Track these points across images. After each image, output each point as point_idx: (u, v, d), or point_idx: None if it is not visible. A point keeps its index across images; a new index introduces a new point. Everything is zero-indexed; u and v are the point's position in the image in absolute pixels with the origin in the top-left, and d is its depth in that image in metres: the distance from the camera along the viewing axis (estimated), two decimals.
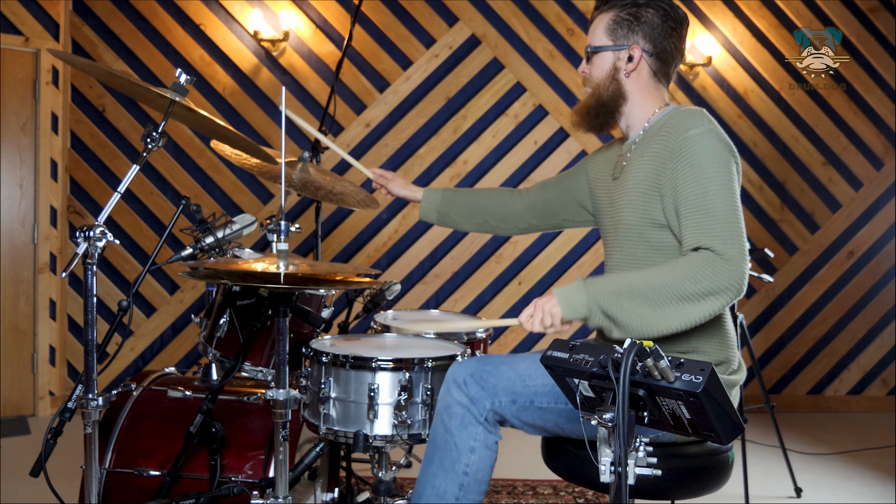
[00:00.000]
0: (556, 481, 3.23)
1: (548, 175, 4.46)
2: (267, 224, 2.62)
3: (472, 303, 4.48)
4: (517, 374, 1.73)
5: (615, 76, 1.85)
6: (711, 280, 1.58)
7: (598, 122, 1.88)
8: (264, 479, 2.01)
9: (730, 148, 1.71)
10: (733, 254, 1.59)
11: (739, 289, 1.60)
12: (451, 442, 1.71)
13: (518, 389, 1.71)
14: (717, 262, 1.59)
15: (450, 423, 1.72)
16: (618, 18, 1.84)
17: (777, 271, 4.57)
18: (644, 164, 1.77)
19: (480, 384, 1.71)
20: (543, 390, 1.71)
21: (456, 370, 1.75)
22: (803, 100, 4.57)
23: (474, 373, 1.73)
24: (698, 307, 1.59)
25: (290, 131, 4.38)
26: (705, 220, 1.63)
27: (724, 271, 1.58)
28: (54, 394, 4.21)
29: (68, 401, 1.93)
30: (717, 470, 1.76)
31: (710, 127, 1.70)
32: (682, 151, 1.68)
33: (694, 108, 1.77)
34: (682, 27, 1.85)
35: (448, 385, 1.74)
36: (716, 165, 1.66)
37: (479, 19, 4.43)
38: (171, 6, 4.32)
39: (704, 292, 1.58)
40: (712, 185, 1.64)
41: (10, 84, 4.04)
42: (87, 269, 1.79)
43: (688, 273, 1.59)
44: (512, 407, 1.71)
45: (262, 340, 2.22)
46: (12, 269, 4.08)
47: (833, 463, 3.68)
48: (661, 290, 1.60)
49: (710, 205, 1.63)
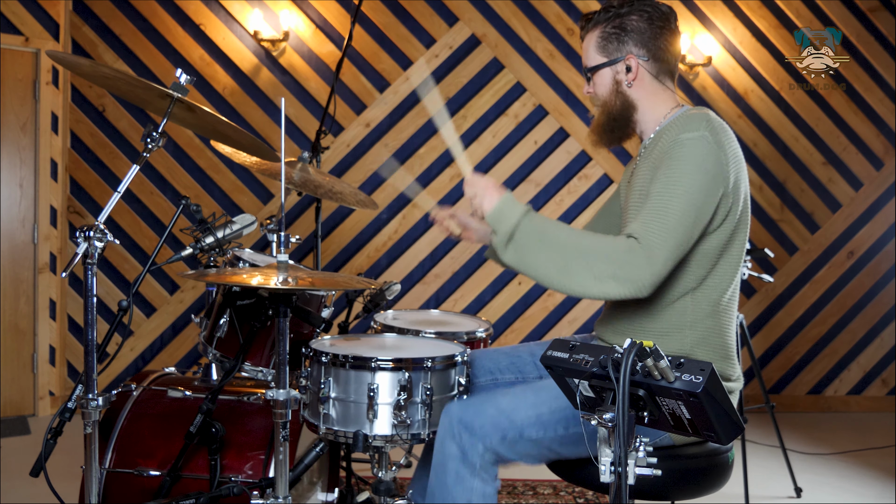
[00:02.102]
0: (556, 481, 3.23)
1: (547, 175, 4.47)
2: (267, 224, 2.63)
3: (472, 303, 4.48)
4: (500, 410, 1.72)
5: (618, 90, 1.85)
6: (622, 267, 1.59)
7: (616, 136, 1.90)
8: (264, 479, 2.01)
9: (719, 161, 1.66)
10: (658, 257, 1.59)
11: (642, 289, 1.60)
12: (448, 498, 1.71)
13: (504, 426, 1.70)
14: (639, 255, 1.59)
15: (445, 478, 1.72)
16: (605, 34, 1.85)
17: (777, 271, 4.57)
18: (648, 167, 1.78)
19: (469, 430, 1.71)
20: (529, 422, 1.70)
21: (444, 423, 1.75)
22: (803, 100, 4.57)
23: (461, 419, 1.72)
24: (596, 285, 1.61)
25: (290, 131, 4.38)
26: (652, 216, 1.63)
27: (640, 265, 1.59)
28: (54, 394, 4.21)
29: (68, 401, 1.93)
30: (717, 470, 1.76)
31: (704, 133, 1.67)
32: (670, 152, 1.68)
33: (699, 112, 1.75)
34: (669, 22, 1.85)
35: (442, 438, 1.74)
36: (691, 172, 1.64)
37: (479, 19, 4.43)
38: (171, 6, 4.32)
39: (611, 275, 1.59)
40: (677, 189, 1.63)
41: (10, 84, 4.04)
42: (87, 269, 1.79)
43: (607, 251, 1.62)
44: (503, 443, 1.70)
45: (262, 340, 2.22)
46: (12, 269, 4.08)
47: (833, 463, 3.68)
48: (577, 255, 1.62)
49: (665, 205, 1.63)
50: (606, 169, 4.48)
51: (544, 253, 1.65)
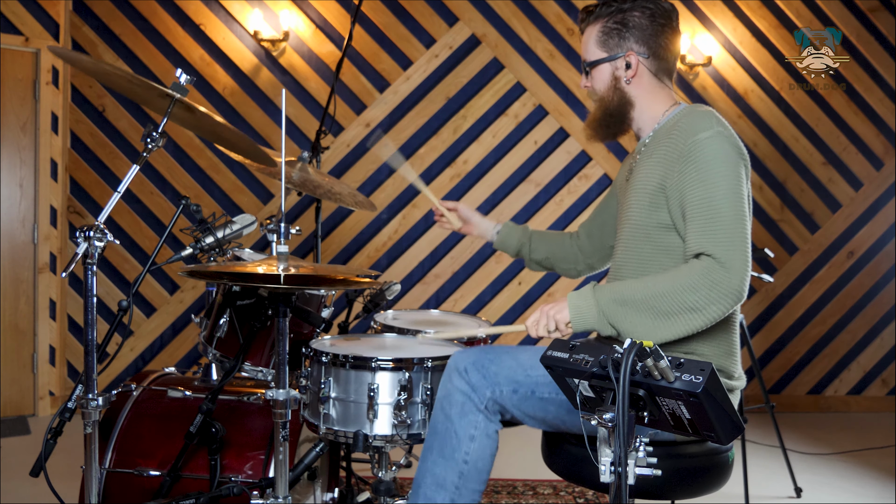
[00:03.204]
0: (556, 481, 3.23)
1: (547, 175, 4.47)
2: (267, 224, 2.63)
3: (472, 303, 4.48)
4: (519, 363, 1.72)
5: (617, 86, 1.85)
6: (711, 289, 1.59)
7: (611, 131, 1.90)
8: (264, 479, 2.01)
9: (739, 151, 1.70)
10: (734, 262, 1.60)
11: (739, 296, 1.61)
12: (452, 430, 1.70)
13: (520, 379, 1.71)
14: (717, 271, 1.60)
15: (450, 410, 1.71)
16: (606, 29, 1.84)
17: (777, 271, 4.57)
18: (653, 165, 1.77)
19: (482, 372, 1.70)
20: (545, 381, 1.70)
21: (457, 358, 1.75)
22: (803, 100, 4.57)
23: (476, 361, 1.72)
24: (699, 316, 1.61)
25: (290, 131, 4.38)
26: (709, 226, 1.63)
27: (723, 280, 1.59)
28: (54, 394, 4.21)
29: (68, 401, 1.94)
30: (717, 470, 1.76)
31: (719, 129, 1.69)
32: (691, 155, 1.67)
33: (705, 108, 1.76)
34: (671, 20, 1.84)
35: (449, 373, 1.74)
36: (724, 170, 1.65)
37: (479, 19, 4.43)
38: (171, 6, 4.32)
39: (705, 301, 1.60)
40: (719, 190, 1.64)
41: (10, 84, 4.04)
42: (87, 269, 1.79)
43: (689, 282, 1.61)
44: (513, 397, 1.70)
45: (262, 340, 2.22)
46: (12, 269, 4.08)
47: (833, 463, 3.68)
48: (663, 300, 1.62)
49: (716, 210, 1.63)
50: (606, 169, 4.48)
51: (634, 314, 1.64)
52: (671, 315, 1.61)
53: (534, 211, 4.48)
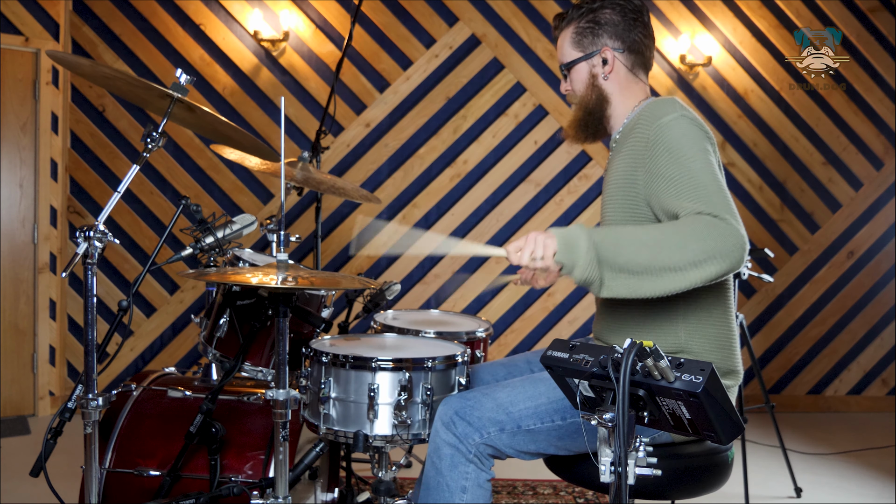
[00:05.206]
0: (556, 481, 3.23)
1: (547, 175, 4.47)
2: (267, 224, 2.63)
3: (472, 303, 4.48)
4: (497, 403, 1.72)
5: (594, 83, 1.87)
6: (717, 240, 1.52)
7: (590, 131, 1.91)
8: (264, 479, 2.01)
9: (704, 130, 1.70)
10: (734, 223, 1.56)
11: (741, 257, 1.54)
12: (443, 483, 1.70)
13: (502, 418, 1.71)
14: (721, 225, 1.54)
15: (440, 464, 1.71)
16: (580, 29, 1.87)
17: (777, 271, 4.57)
18: (622, 160, 1.78)
19: (466, 420, 1.71)
20: (526, 413, 1.71)
21: (441, 411, 1.75)
22: (803, 100, 4.57)
23: (459, 410, 1.72)
24: (697, 269, 1.52)
25: (290, 131, 4.38)
26: (698, 192, 1.60)
27: (728, 234, 1.53)
28: (54, 394, 4.21)
29: (68, 401, 1.93)
30: (716, 470, 1.76)
31: (682, 113, 1.70)
32: (658, 139, 1.68)
33: (667, 97, 1.77)
34: (642, 15, 1.87)
35: (436, 427, 1.75)
36: (694, 146, 1.65)
37: (479, 19, 4.43)
38: (171, 6, 4.32)
39: (708, 253, 1.52)
40: (695, 164, 1.63)
41: (10, 84, 4.04)
42: (87, 269, 1.79)
43: (694, 230, 1.54)
44: (501, 436, 1.71)
45: (262, 340, 2.22)
46: (12, 269, 4.08)
47: (833, 463, 3.68)
48: (665, 244, 1.54)
49: (698, 180, 1.61)
50: None
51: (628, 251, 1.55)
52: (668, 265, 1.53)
53: (534, 211, 4.48)
